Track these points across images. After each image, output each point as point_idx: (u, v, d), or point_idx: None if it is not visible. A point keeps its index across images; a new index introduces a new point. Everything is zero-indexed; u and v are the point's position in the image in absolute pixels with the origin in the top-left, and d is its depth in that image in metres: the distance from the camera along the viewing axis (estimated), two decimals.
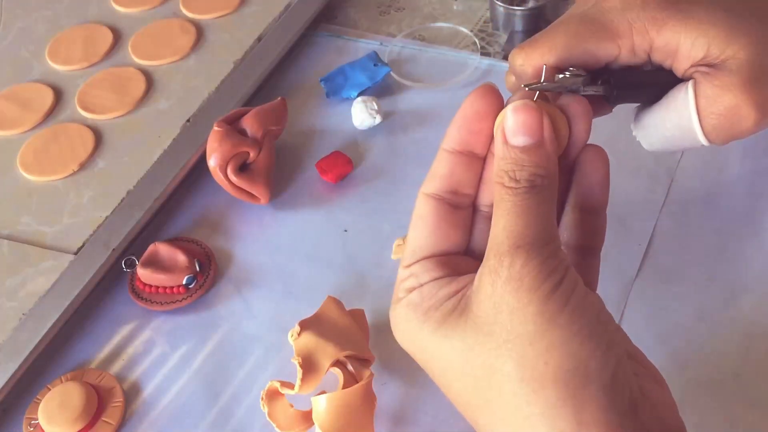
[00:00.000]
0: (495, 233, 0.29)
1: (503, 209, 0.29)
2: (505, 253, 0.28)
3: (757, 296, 0.48)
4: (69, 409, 0.47)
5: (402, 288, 0.32)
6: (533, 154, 0.30)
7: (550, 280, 0.28)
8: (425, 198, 0.33)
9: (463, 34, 0.69)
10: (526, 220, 0.29)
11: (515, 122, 0.30)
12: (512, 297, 0.28)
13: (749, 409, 0.44)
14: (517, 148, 0.30)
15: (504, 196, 0.30)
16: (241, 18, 0.71)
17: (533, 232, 0.29)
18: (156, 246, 0.54)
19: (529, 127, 0.30)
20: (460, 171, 0.33)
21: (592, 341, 0.28)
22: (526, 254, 0.28)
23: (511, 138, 0.30)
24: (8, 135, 0.65)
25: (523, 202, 0.29)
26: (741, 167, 0.55)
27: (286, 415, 0.45)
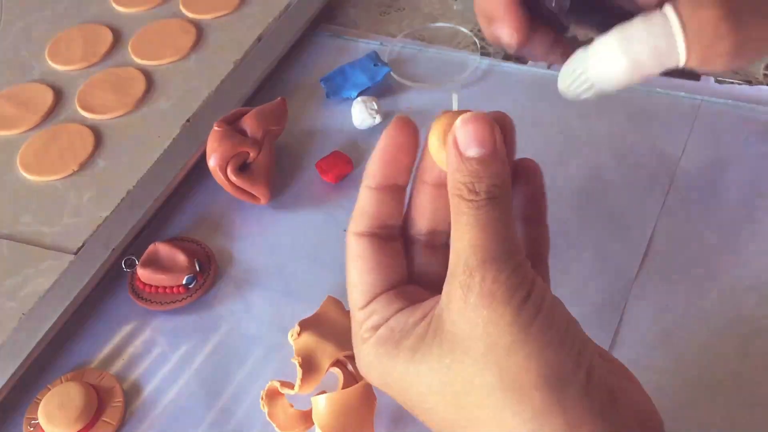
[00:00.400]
0: (460, 248, 0.29)
1: (465, 223, 0.29)
2: (476, 267, 0.28)
3: (757, 296, 0.48)
4: (69, 409, 0.47)
5: (365, 329, 0.32)
6: (489, 165, 0.30)
7: (521, 291, 0.28)
8: (358, 238, 0.33)
9: (463, 34, 0.69)
10: (491, 233, 0.29)
11: (467, 134, 0.30)
12: (487, 310, 0.28)
13: (749, 409, 0.44)
14: (473, 160, 0.30)
15: (464, 209, 0.29)
16: (241, 18, 0.71)
17: (500, 245, 0.29)
18: (156, 246, 0.54)
19: (482, 138, 0.30)
20: (386, 206, 0.33)
21: (565, 347, 0.28)
22: (496, 268, 0.28)
23: (465, 150, 0.30)
24: (8, 135, 0.65)
25: (485, 215, 0.29)
26: (741, 167, 0.55)
27: (286, 415, 0.45)
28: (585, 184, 0.56)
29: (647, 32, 0.35)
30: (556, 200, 0.55)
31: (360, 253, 0.33)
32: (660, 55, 0.36)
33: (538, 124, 0.61)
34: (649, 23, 0.35)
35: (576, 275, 0.51)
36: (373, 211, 0.33)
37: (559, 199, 0.55)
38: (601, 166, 0.57)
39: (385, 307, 0.32)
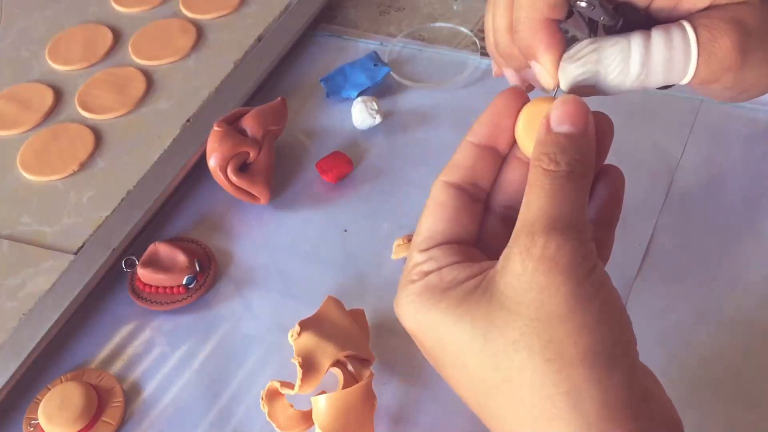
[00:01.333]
0: (528, 214, 0.29)
1: (539, 190, 0.30)
2: (540, 233, 0.28)
3: (757, 296, 0.48)
4: (69, 409, 0.47)
5: (417, 271, 0.32)
6: (575, 141, 0.31)
7: (585, 264, 0.28)
8: (445, 186, 0.33)
9: (463, 34, 0.69)
10: (563, 203, 0.29)
11: (561, 111, 0.31)
12: (544, 277, 0.28)
13: (749, 409, 0.44)
14: (561, 135, 0.31)
15: (541, 177, 0.30)
16: (241, 18, 0.71)
17: (569, 216, 0.29)
18: (156, 246, 0.54)
19: (575, 117, 0.31)
20: (482, 164, 0.33)
21: (620, 329, 0.29)
22: (562, 236, 0.28)
23: (556, 126, 0.31)
24: (8, 135, 0.65)
25: (561, 185, 0.30)
26: (741, 167, 0.55)
27: (286, 415, 0.45)
28: None
29: (667, 46, 0.36)
30: None
31: (442, 201, 0.33)
32: (671, 70, 0.36)
33: None
34: (669, 37, 0.36)
35: None
36: (468, 165, 0.33)
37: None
38: None
39: (443, 256, 0.32)
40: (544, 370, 0.27)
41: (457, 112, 0.63)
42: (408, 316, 0.32)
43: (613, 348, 0.28)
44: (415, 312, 0.31)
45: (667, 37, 0.36)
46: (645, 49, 0.36)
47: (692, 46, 0.35)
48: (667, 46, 0.36)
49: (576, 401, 0.27)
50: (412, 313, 0.31)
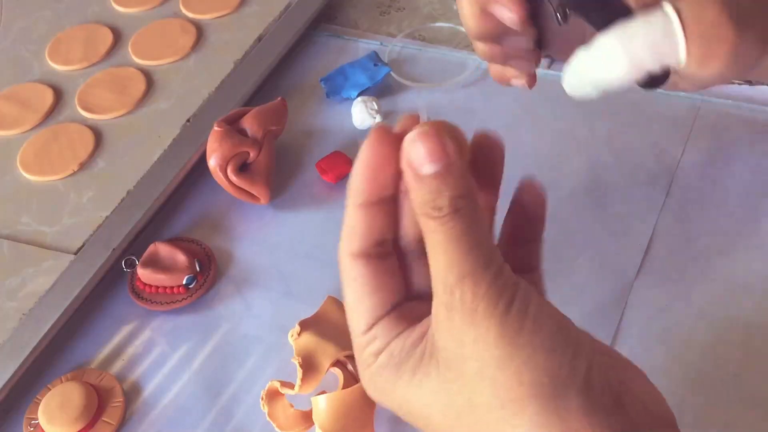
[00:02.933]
0: (437, 268, 0.29)
1: (436, 242, 0.29)
2: (454, 285, 0.28)
3: (757, 296, 0.48)
4: (69, 409, 0.47)
5: (367, 354, 0.31)
6: (446, 179, 0.29)
7: (502, 301, 0.28)
8: (352, 259, 0.31)
9: (463, 34, 0.69)
10: (462, 247, 0.28)
11: (417, 152, 0.29)
12: (471, 328, 0.27)
13: (749, 409, 0.44)
14: (429, 177, 0.29)
15: (432, 227, 0.29)
16: (241, 18, 0.71)
17: (473, 258, 0.28)
18: (156, 246, 0.54)
19: (433, 154, 0.29)
20: (378, 221, 0.32)
21: (558, 351, 0.28)
22: (474, 282, 0.28)
23: (420, 169, 0.29)
24: (8, 135, 0.65)
25: (453, 230, 0.28)
26: (741, 167, 0.55)
27: (286, 415, 0.45)
28: (585, 184, 0.56)
29: (647, 30, 0.35)
30: (556, 200, 0.55)
31: (356, 276, 0.31)
32: (660, 54, 0.35)
33: (538, 124, 0.61)
34: (648, 21, 0.35)
35: (576, 275, 0.51)
36: (364, 230, 0.31)
37: (559, 199, 0.55)
38: (601, 166, 0.57)
39: (385, 333, 0.31)
40: (502, 417, 0.27)
41: (457, 112, 0.63)
42: (377, 397, 0.32)
43: (557, 372, 0.27)
44: (379, 393, 0.31)
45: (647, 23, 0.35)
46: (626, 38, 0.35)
47: (674, 23, 0.34)
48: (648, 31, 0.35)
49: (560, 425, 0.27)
50: (378, 393, 0.31)
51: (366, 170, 0.31)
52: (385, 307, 0.31)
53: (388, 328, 0.31)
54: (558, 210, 0.55)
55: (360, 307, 0.31)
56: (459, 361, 0.28)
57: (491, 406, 0.28)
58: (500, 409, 0.27)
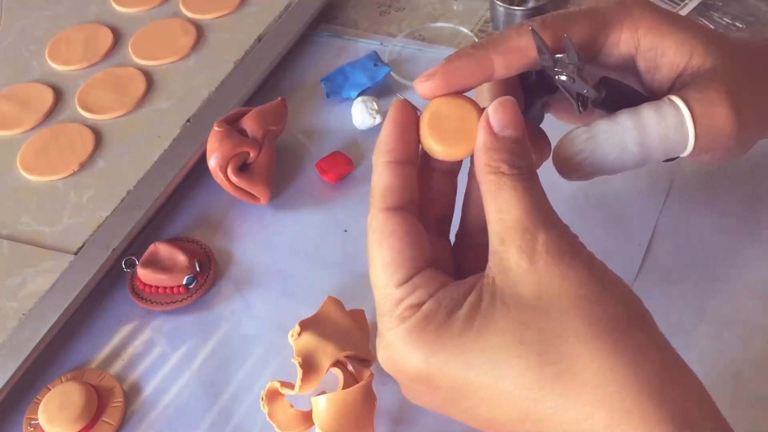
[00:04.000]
0: (508, 218, 0.30)
1: (511, 194, 0.30)
2: (535, 230, 0.29)
3: (757, 296, 0.48)
4: (69, 410, 0.47)
5: (404, 307, 0.30)
6: (522, 144, 0.31)
7: (584, 250, 0.30)
8: (389, 213, 0.31)
9: (463, 34, 0.69)
10: (540, 201, 0.30)
11: (504, 116, 0.31)
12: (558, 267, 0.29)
13: (749, 409, 0.44)
14: (510, 139, 0.31)
15: (508, 182, 0.30)
16: (241, 18, 0.71)
17: (550, 211, 0.30)
18: (156, 246, 0.54)
19: (516, 122, 0.31)
20: (411, 180, 0.32)
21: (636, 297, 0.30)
22: (556, 229, 0.30)
23: (501, 131, 0.31)
24: (8, 135, 0.65)
25: (531, 186, 0.30)
26: (741, 167, 0.55)
27: (286, 415, 0.45)
28: (585, 185, 0.56)
29: (660, 125, 0.36)
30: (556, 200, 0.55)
31: (395, 228, 0.31)
32: (669, 148, 0.37)
33: None
34: (662, 116, 0.36)
35: None
36: (399, 185, 0.32)
37: (559, 199, 0.55)
38: None
39: (429, 282, 0.30)
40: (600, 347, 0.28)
41: None
42: (407, 360, 0.29)
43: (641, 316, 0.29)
44: (418, 353, 0.29)
45: (659, 117, 0.36)
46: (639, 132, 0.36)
47: (687, 122, 0.35)
48: (661, 125, 0.36)
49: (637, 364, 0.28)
50: (416, 355, 0.29)
51: (395, 129, 0.32)
52: (425, 260, 0.31)
53: (431, 278, 0.31)
54: (558, 210, 0.55)
55: (399, 258, 0.31)
56: (543, 299, 0.28)
57: (586, 335, 0.28)
58: (597, 338, 0.28)
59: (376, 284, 0.31)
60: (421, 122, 0.32)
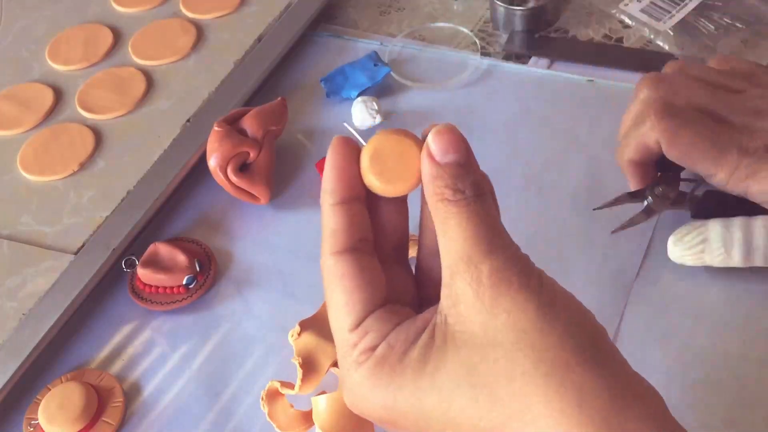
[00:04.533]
0: (456, 248, 0.29)
1: (457, 223, 0.29)
2: (482, 260, 0.28)
3: (756, 296, 0.48)
4: (69, 410, 0.47)
5: (359, 352, 0.30)
6: (467, 166, 0.30)
7: (534, 275, 0.28)
8: (338, 257, 0.31)
9: (463, 34, 0.69)
10: (487, 226, 0.29)
11: (443, 142, 0.30)
12: (505, 300, 0.28)
13: (749, 409, 0.44)
14: (451, 164, 0.30)
15: (453, 210, 0.29)
16: (241, 18, 0.71)
17: (498, 236, 0.29)
18: (156, 246, 0.54)
19: (455, 144, 0.30)
20: (359, 218, 0.32)
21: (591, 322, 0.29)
22: (503, 256, 0.28)
23: (442, 157, 0.30)
24: (8, 135, 0.65)
25: (477, 210, 0.29)
26: None
27: (286, 415, 0.45)
28: (585, 184, 0.56)
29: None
30: (556, 200, 0.55)
31: (345, 272, 0.31)
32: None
33: (538, 124, 0.61)
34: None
35: (576, 275, 0.51)
36: (345, 226, 0.31)
37: (560, 199, 0.55)
38: (601, 166, 0.57)
39: (380, 324, 0.30)
40: (546, 384, 0.27)
41: (457, 112, 0.63)
42: (370, 403, 0.30)
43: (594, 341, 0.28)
44: (375, 396, 0.29)
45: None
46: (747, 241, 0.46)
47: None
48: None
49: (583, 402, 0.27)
50: (373, 397, 0.29)
51: (336, 169, 0.32)
52: (375, 302, 0.31)
53: (383, 320, 0.30)
54: (558, 210, 0.55)
55: (350, 302, 0.31)
56: (492, 334, 0.27)
57: (532, 374, 0.27)
58: (543, 376, 0.27)
59: (334, 327, 0.31)
60: (362, 159, 0.32)
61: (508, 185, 0.57)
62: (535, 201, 0.55)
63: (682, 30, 0.65)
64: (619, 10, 0.68)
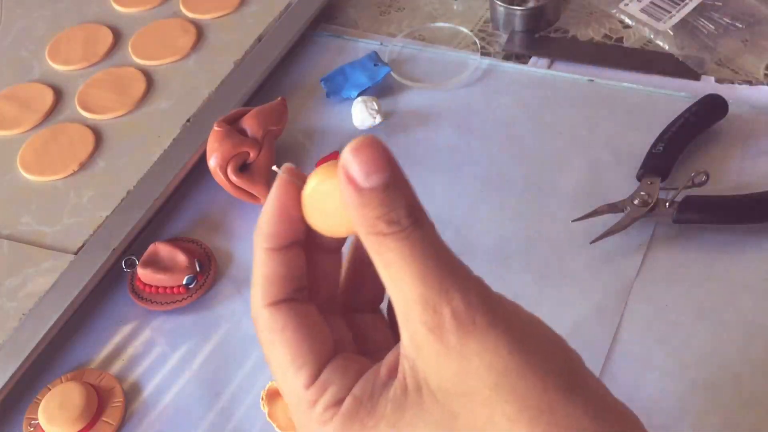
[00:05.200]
0: (406, 289, 0.25)
1: (399, 260, 0.25)
2: (439, 301, 0.24)
3: (757, 296, 0.48)
4: (69, 410, 0.47)
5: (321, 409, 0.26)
6: (397, 189, 0.25)
7: (499, 309, 0.25)
8: (276, 308, 0.28)
9: (463, 34, 0.69)
10: (436, 258, 0.25)
11: (362, 163, 0.25)
12: (473, 342, 0.24)
13: (749, 409, 0.44)
14: (378, 189, 0.25)
15: (391, 245, 0.25)
16: (241, 18, 0.71)
17: (452, 268, 0.25)
18: (156, 246, 0.54)
19: (377, 163, 0.25)
20: (295, 265, 0.28)
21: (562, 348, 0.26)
22: (462, 294, 0.24)
23: (365, 181, 0.25)
24: (8, 135, 0.65)
25: (420, 242, 0.25)
26: (740, 167, 0.55)
27: (286, 415, 0.45)
28: (585, 184, 0.56)
29: None
30: (556, 200, 0.55)
31: (286, 324, 0.27)
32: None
33: (538, 124, 0.61)
34: None
35: (577, 275, 0.51)
36: (285, 273, 0.28)
37: (560, 199, 0.55)
38: (601, 166, 0.57)
39: (340, 376, 0.26)
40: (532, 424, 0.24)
41: (457, 112, 0.63)
42: None
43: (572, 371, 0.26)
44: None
45: None
46: None
47: None
48: None
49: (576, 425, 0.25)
50: None
51: (276, 210, 0.28)
52: (326, 353, 0.27)
53: (342, 371, 0.27)
54: (558, 210, 0.55)
55: (298, 355, 0.27)
56: (466, 382, 0.25)
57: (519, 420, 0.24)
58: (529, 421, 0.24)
59: (282, 387, 0.27)
60: (302, 198, 0.28)
61: (508, 185, 0.57)
62: (535, 201, 0.55)
63: (682, 30, 0.65)
64: (619, 10, 0.68)
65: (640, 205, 0.52)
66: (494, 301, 0.25)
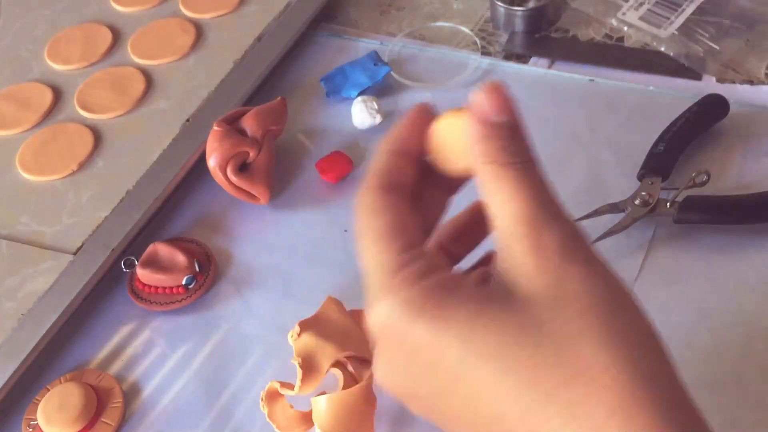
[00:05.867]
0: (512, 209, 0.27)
1: (513, 186, 0.28)
2: (542, 225, 0.27)
3: (757, 296, 0.48)
4: (68, 410, 0.47)
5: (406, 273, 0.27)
6: (519, 133, 0.29)
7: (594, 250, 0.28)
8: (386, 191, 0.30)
9: (463, 33, 0.69)
10: (544, 191, 0.28)
11: (496, 101, 0.29)
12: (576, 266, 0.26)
13: (750, 409, 0.44)
14: (504, 126, 0.29)
15: (509, 173, 0.28)
16: (241, 18, 0.71)
17: (557, 204, 0.29)
18: (155, 246, 0.54)
19: (507, 106, 0.29)
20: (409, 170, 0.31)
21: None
22: (570, 225, 0.28)
23: (495, 117, 0.29)
24: (7, 135, 0.65)
25: (533, 174, 0.28)
26: (741, 167, 0.55)
27: (286, 415, 0.45)
28: (586, 184, 0.56)
29: None
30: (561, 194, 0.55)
31: (390, 204, 0.29)
32: None
33: (538, 124, 0.60)
34: None
35: None
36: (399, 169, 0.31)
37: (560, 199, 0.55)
38: (601, 166, 0.57)
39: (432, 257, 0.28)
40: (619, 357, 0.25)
41: None
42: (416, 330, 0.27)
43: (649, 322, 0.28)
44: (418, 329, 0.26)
45: None
46: None
47: None
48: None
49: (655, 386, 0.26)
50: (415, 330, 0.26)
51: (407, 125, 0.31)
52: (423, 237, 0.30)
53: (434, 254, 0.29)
54: None
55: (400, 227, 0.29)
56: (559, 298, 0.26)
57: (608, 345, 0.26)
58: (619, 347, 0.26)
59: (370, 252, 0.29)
60: (432, 128, 0.31)
61: None
62: None
63: (683, 34, 0.64)
64: (617, 20, 0.67)
65: (641, 205, 0.51)
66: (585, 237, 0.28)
